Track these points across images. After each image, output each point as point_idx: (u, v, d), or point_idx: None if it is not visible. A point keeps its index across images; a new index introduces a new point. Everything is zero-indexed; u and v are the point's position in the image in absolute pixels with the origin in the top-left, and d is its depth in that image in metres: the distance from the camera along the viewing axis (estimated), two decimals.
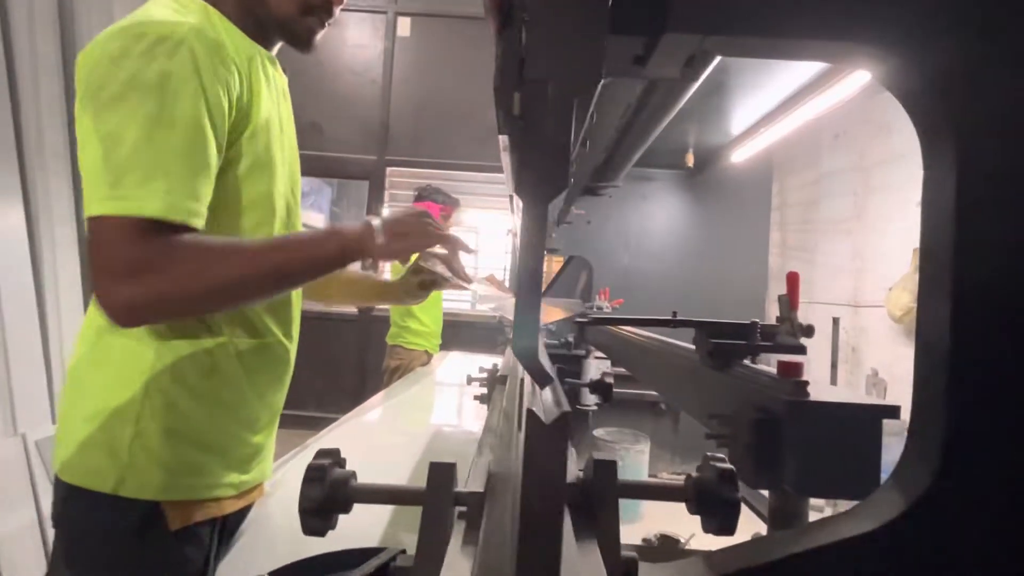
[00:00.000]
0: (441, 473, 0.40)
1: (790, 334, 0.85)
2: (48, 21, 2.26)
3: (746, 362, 0.85)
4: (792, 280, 0.86)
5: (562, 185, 0.29)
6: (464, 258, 0.91)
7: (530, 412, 0.21)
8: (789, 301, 0.85)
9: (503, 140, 0.32)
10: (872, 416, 0.63)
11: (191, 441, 0.73)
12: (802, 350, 0.83)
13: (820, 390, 0.65)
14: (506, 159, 0.31)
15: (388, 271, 3.35)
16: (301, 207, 0.97)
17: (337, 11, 0.81)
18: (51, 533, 0.80)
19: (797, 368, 0.67)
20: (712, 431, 0.75)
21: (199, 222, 0.64)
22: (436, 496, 0.39)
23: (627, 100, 0.84)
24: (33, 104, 2.19)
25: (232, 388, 0.75)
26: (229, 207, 0.71)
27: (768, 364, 0.79)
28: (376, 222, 0.74)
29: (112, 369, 0.72)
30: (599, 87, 0.35)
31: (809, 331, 0.86)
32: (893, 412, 0.64)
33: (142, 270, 0.60)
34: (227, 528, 0.81)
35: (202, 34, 0.66)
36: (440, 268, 0.94)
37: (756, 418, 0.65)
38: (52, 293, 2.20)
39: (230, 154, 0.70)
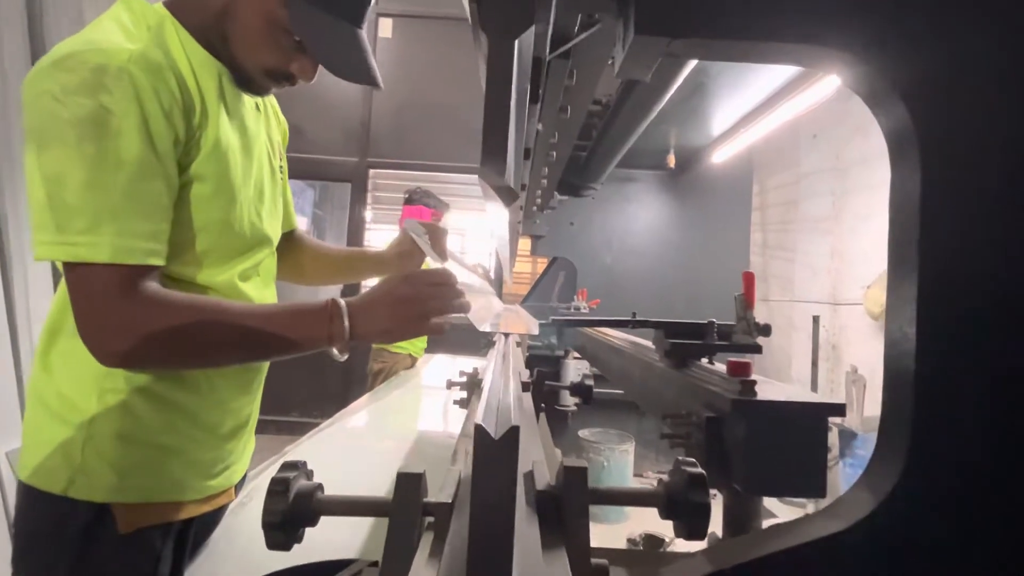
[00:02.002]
0: (408, 483, 0.39)
1: (746, 333, 0.85)
2: (16, 18, 2.20)
3: (704, 361, 0.86)
4: (748, 280, 0.86)
5: (528, 21, 0.27)
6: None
7: (478, 427, 0.21)
8: (745, 300, 0.85)
9: None
10: (817, 414, 0.63)
11: (146, 443, 0.72)
12: (757, 349, 0.83)
13: (767, 389, 0.65)
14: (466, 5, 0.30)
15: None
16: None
17: (300, 83, 0.78)
18: None
19: (745, 367, 0.67)
20: (669, 430, 0.75)
21: (157, 259, 0.65)
22: (402, 507, 0.38)
23: (607, 55, 0.82)
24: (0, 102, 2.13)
25: (190, 393, 0.74)
26: (184, 231, 0.70)
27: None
28: (365, 311, 0.69)
29: (69, 371, 0.71)
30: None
31: (766, 330, 0.86)
32: (839, 410, 0.64)
33: (121, 329, 0.63)
34: (191, 535, 0.80)
35: (143, 59, 0.63)
36: (422, 242, 0.93)
37: (705, 417, 0.65)
38: (23, 302, 2.14)
39: (183, 179, 0.69)
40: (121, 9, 0.69)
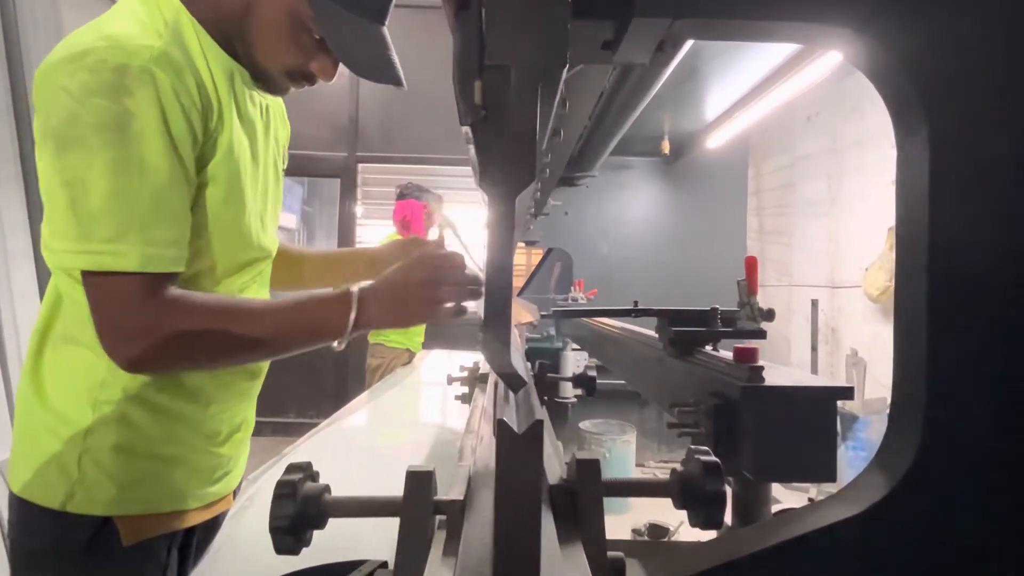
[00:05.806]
0: (418, 482, 0.39)
1: (750, 319, 0.85)
2: None
3: (708, 348, 0.86)
4: (750, 265, 0.86)
5: (529, 178, 0.28)
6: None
7: (501, 423, 0.20)
8: (748, 286, 0.85)
9: (466, 131, 0.30)
10: (826, 398, 0.62)
11: (145, 454, 0.71)
12: (761, 334, 0.83)
13: (775, 374, 0.65)
14: (471, 151, 0.30)
15: None
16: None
17: (320, 82, 0.77)
18: None
19: (752, 353, 0.67)
20: (675, 419, 0.75)
21: (180, 266, 0.65)
22: (413, 506, 0.38)
23: (600, 87, 0.82)
24: None
25: (189, 402, 0.73)
26: (199, 233, 0.69)
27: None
28: (377, 296, 0.68)
29: (60, 382, 0.70)
30: (565, 73, 0.33)
31: (769, 315, 0.86)
32: (848, 393, 0.64)
33: (146, 334, 0.62)
34: (194, 542, 0.79)
35: (165, 58, 0.62)
36: (452, 234, 0.94)
37: (713, 405, 0.65)
38: (8, 307, 2.12)
39: (199, 179, 0.68)
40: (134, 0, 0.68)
